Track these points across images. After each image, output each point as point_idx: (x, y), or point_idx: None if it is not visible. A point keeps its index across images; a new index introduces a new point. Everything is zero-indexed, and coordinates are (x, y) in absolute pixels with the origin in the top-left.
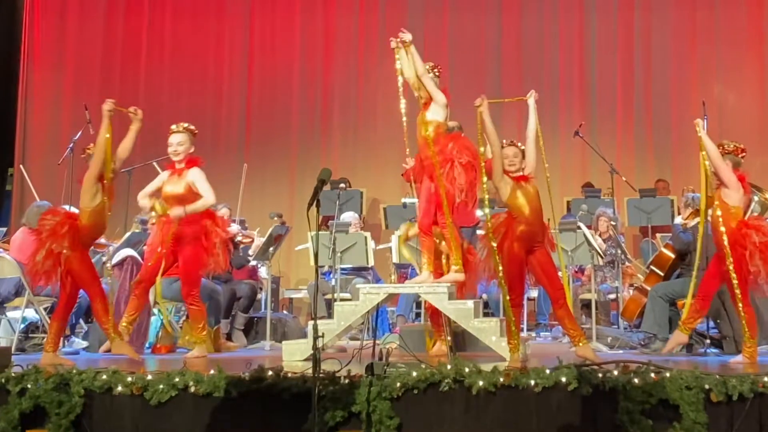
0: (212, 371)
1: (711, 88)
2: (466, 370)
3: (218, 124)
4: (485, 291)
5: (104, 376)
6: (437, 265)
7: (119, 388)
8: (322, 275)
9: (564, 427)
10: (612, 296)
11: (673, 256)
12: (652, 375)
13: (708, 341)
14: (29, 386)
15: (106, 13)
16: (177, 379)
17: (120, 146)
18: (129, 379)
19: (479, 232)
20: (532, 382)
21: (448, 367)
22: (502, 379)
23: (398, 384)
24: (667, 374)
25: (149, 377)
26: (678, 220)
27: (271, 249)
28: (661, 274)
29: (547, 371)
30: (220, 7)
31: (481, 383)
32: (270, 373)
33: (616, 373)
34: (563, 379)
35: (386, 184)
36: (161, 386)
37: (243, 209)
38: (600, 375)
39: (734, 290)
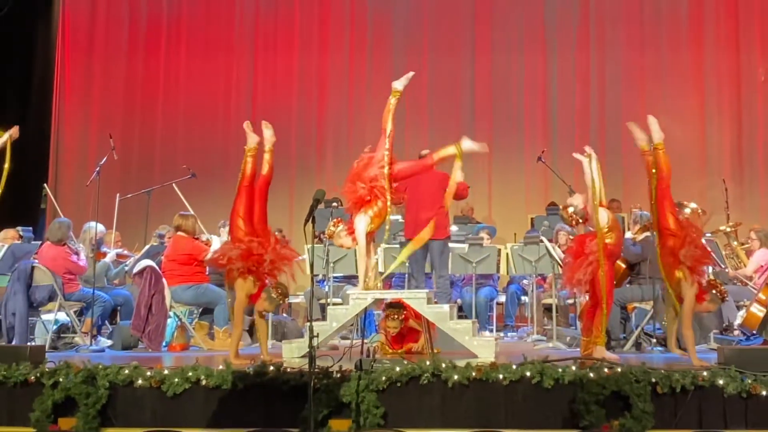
0: (221, 366)
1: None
2: (443, 365)
3: (227, 152)
4: (459, 296)
5: (126, 371)
6: None
7: (140, 381)
8: (317, 283)
9: (528, 416)
10: (570, 301)
11: (624, 266)
12: (606, 370)
13: (654, 340)
14: (61, 380)
15: (127, 53)
16: (190, 374)
17: None
18: (148, 373)
19: (451, 245)
20: (501, 376)
21: (427, 363)
22: (474, 374)
23: (383, 378)
24: (619, 369)
25: (166, 372)
26: (628, 234)
27: None
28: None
29: (514, 367)
30: (228, 49)
31: (456, 377)
32: (271, 368)
33: (574, 368)
34: (528, 374)
35: None
36: (176, 379)
37: None
38: (560, 370)
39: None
